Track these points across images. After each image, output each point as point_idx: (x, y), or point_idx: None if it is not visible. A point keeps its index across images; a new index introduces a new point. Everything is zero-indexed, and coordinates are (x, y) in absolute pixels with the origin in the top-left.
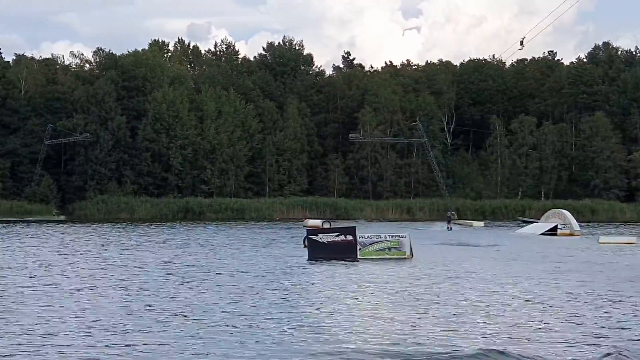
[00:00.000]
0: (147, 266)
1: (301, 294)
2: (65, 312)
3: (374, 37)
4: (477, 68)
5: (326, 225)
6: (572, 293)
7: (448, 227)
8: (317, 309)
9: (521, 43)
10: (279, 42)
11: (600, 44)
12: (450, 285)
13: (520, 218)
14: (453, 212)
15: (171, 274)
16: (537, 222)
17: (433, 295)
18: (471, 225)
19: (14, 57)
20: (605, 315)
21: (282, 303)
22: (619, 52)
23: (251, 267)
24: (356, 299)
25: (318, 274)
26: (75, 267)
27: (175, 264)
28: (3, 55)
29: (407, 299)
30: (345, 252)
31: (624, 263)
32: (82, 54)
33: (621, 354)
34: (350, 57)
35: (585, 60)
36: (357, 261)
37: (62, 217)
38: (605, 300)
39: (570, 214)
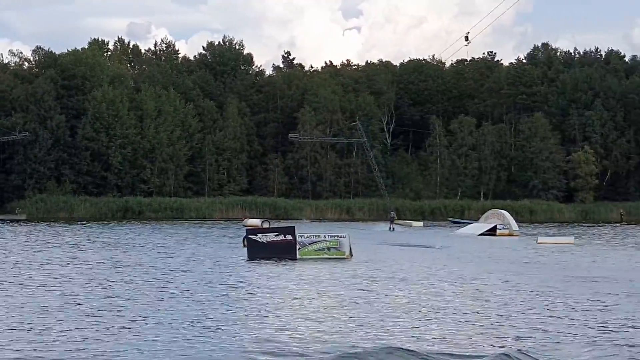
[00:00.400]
0: (83, 265)
1: (239, 294)
2: None
3: (314, 37)
4: (416, 68)
5: (265, 225)
6: (502, 292)
7: (390, 228)
8: (254, 308)
9: (466, 39)
10: (219, 42)
11: (539, 45)
12: (385, 284)
13: (450, 219)
14: (392, 212)
15: (106, 273)
16: (470, 223)
17: (368, 294)
18: (410, 226)
19: None
20: (528, 313)
21: (220, 302)
22: (558, 53)
23: (189, 266)
24: (293, 298)
25: (257, 274)
26: None
27: (112, 263)
28: None
29: (341, 299)
30: (285, 251)
31: (560, 263)
32: (21, 53)
33: (521, 351)
34: (290, 57)
35: (524, 61)
36: (296, 261)
37: (23, 216)
38: (531, 298)
39: (509, 215)
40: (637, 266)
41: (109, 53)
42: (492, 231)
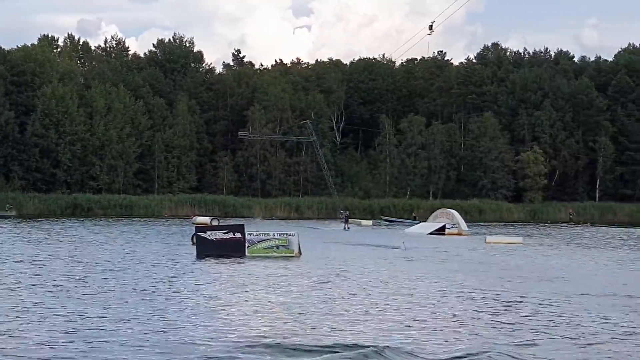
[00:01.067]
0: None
1: (187, 291)
2: None
3: (264, 35)
4: (367, 67)
5: (215, 223)
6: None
7: (345, 227)
8: (200, 305)
9: (430, 27)
10: (169, 39)
11: (489, 44)
12: (332, 283)
13: (383, 217)
14: (342, 211)
15: (56, 271)
16: (403, 222)
17: (314, 291)
18: (360, 224)
19: None
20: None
21: (167, 300)
22: (508, 53)
23: (138, 264)
24: (239, 295)
25: (205, 271)
26: None
27: (61, 260)
28: None
29: (287, 296)
30: (234, 249)
31: (508, 262)
32: None
33: (387, 348)
34: (241, 55)
35: (474, 60)
36: (245, 259)
37: (13, 213)
38: (471, 298)
39: (458, 214)
40: (579, 265)
41: (59, 49)
42: (441, 230)
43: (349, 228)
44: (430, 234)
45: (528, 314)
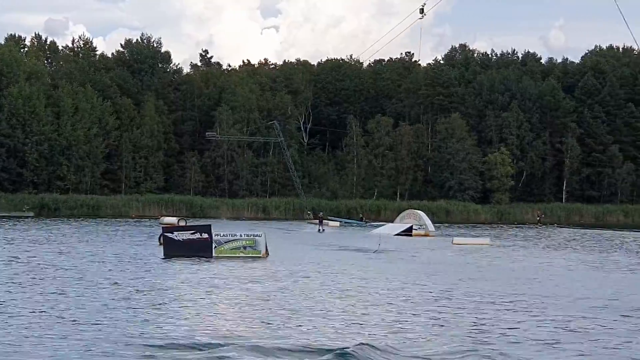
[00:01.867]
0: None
1: (153, 291)
2: None
3: (232, 36)
4: (334, 68)
5: (182, 223)
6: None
7: (320, 229)
8: (167, 305)
9: (421, 11)
10: (137, 39)
11: (457, 46)
12: (294, 284)
13: (330, 217)
14: (309, 213)
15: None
16: (340, 220)
17: (276, 292)
18: (328, 225)
19: None
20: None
21: (132, 299)
22: (475, 55)
23: (105, 264)
24: (201, 298)
25: (171, 271)
26: None
27: (25, 260)
28: None
29: (250, 296)
30: (201, 250)
31: (475, 263)
32: None
33: (366, 345)
34: (208, 56)
35: (442, 62)
36: (212, 259)
37: (31, 214)
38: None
39: (425, 215)
40: (545, 266)
41: (26, 49)
42: (408, 231)
43: (323, 230)
44: (398, 235)
45: (494, 316)
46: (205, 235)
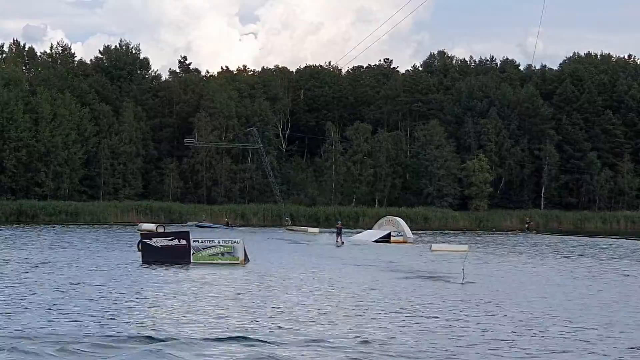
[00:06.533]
0: None
1: (131, 297)
2: None
3: (210, 42)
4: (313, 74)
5: (160, 230)
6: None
7: (338, 242)
8: (146, 312)
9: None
10: (115, 46)
11: (436, 53)
12: (266, 289)
13: (197, 223)
14: (287, 219)
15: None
16: (217, 226)
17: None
18: (306, 231)
19: None
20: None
21: (111, 305)
22: (454, 62)
23: (83, 270)
24: (178, 304)
25: (149, 278)
26: None
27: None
28: None
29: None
30: (179, 256)
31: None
32: None
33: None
34: (187, 62)
35: (420, 68)
36: (190, 266)
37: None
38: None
39: (403, 222)
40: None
41: (4, 55)
42: (386, 238)
43: (342, 243)
44: (376, 241)
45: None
46: (184, 242)
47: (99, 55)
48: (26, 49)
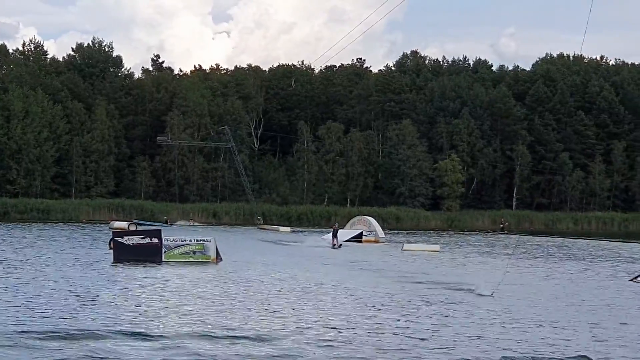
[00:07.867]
0: None
1: (102, 296)
2: None
3: (183, 41)
4: (286, 74)
5: (132, 228)
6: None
7: (334, 244)
8: (119, 310)
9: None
10: (88, 44)
11: (408, 52)
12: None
13: (135, 220)
14: (259, 218)
15: None
16: (157, 225)
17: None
18: (278, 231)
19: None
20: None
21: (80, 304)
22: (427, 62)
23: (52, 268)
24: (152, 299)
25: (120, 276)
26: None
27: None
28: None
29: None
30: (151, 254)
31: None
32: None
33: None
34: (160, 60)
35: (393, 68)
36: (161, 264)
37: None
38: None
39: (375, 221)
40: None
41: None
42: (358, 238)
43: (340, 245)
44: (347, 241)
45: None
46: (155, 240)
47: (72, 53)
48: None
